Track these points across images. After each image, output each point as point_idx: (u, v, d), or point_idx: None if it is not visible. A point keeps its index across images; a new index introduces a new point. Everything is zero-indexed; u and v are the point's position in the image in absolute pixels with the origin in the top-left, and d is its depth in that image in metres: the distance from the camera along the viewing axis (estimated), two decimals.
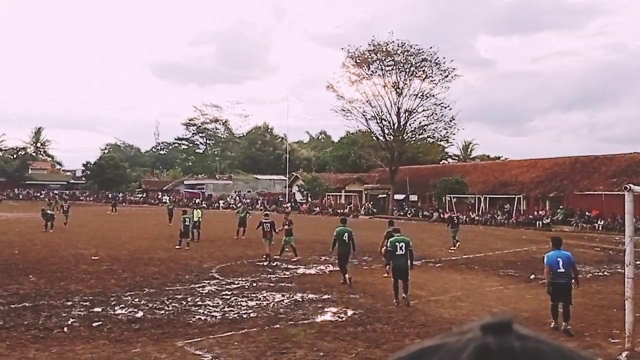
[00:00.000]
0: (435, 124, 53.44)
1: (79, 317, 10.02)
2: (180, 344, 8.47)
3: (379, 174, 60.87)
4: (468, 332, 0.51)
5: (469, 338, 0.50)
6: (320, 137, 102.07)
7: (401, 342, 8.85)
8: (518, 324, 0.51)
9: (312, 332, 9.28)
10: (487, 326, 0.50)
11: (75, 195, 76.11)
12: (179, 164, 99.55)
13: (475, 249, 23.77)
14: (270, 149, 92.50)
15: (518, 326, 0.51)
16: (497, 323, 0.50)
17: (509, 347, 0.48)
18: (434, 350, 0.51)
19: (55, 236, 25.02)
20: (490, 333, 0.50)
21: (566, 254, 10.04)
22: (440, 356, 0.50)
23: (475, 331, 0.51)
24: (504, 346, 0.48)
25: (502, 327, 0.50)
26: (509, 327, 0.50)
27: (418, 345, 0.53)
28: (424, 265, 18.28)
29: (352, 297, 12.35)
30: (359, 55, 52.70)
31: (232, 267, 16.72)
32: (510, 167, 52.63)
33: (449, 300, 12.44)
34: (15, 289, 12.51)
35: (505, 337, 0.49)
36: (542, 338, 0.50)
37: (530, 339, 0.49)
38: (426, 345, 0.52)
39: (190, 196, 70.43)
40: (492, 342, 0.48)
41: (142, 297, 11.87)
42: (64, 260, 17.33)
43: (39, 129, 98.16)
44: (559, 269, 9.78)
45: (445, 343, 0.51)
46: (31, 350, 8.02)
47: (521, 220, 40.91)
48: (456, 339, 0.51)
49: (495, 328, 0.50)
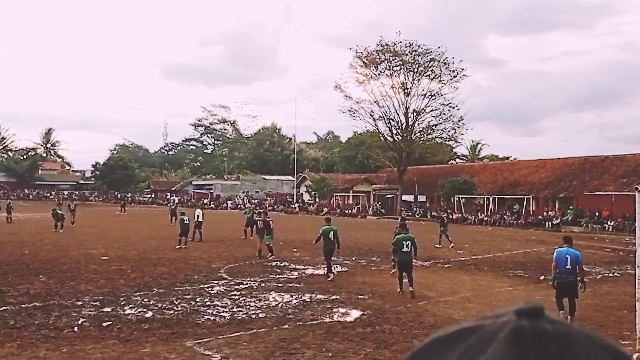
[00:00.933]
0: (443, 124, 53.33)
1: (89, 317, 10.07)
2: (189, 344, 8.50)
3: (387, 175, 60.75)
4: (503, 316, 0.56)
5: (505, 321, 0.55)
6: (328, 138, 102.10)
7: (410, 343, 8.82)
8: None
9: (320, 333, 9.27)
10: (521, 311, 0.55)
11: (84, 195, 76.65)
12: (188, 164, 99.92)
13: (485, 250, 23.68)
14: (278, 149, 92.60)
15: (549, 312, 0.56)
16: (531, 308, 0.55)
17: (542, 330, 0.53)
18: (472, 330, 0.56)
19: (65, 236, 25.19)
20: (524, 317, 0.55)
21: (575, 253, 10.31)
22: (478, 336, 0.54)
23: (510, 315, 0.55)
24: (537, 328, 0.53)
25: (535, 312, 0.55)
26: (542, 312, 0.55)
27: (457, 326, 0.57)
28: (432, 266, 18.23)
29: (360, 298, 12.34)
30: (367, 56, 52.65)
31: (240, 267, 16.75)
32: (519, 168, 52.34)
33: (458, 301, 12.40)
34: (26, 289, 12.60)
35: (538, 321, 0.54)
36: (571, 323, 0.56)
37: (561, 323, 0.55)
38: (465, 326, 0.57)
39: (199, 197, 70.67)
40: (526, 325, 0.53)
41: (151, 298, 11.92)
42: (74, 260, 17.44)
43: (49, 130, 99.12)
44: (567, 266, 10.09)
45: (483, 325, 0.56)
46: (42, 350, 8.07)
47: (531, 221, 40.67)
48: (492, 321, 0.56)
49: (529, 313, 0.55)
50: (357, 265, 18.06)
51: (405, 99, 52.69)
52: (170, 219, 33.57)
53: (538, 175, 47.88)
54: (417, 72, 51.71)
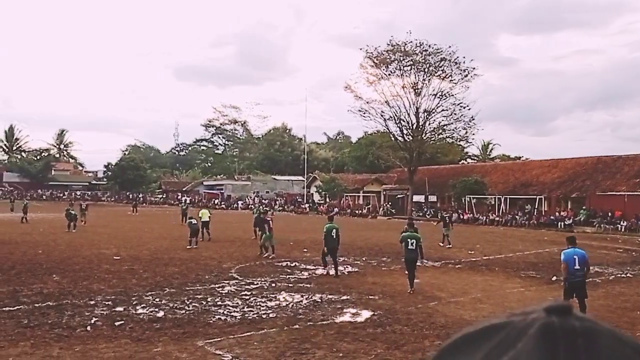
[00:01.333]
0: (454, 124, 53.02)
1: (102, 316, 10.16)
2: (200, 344, 8.54)
3: (397, 175, 60.61)
4: (532, 313, 0.57)
5: (534, 317, 0.56)
6: (338, 138, 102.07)
7: (421, 344, 8.81)
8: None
9: (331, 333, 9.28)
10: (550, 308, 0.57)
11: (97, 195, 77.24)
12: (198, 164, 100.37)
13: (496, 250, 23.56)
14: (288, 149, 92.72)
15: (576, 310, 0.57)
16: (560, 306, 0.57)
17: (570, 326, 0.54)
18: (501, 326, 0.57)
19: (78, 236, 25.40)
20: (553, 314, 0.56)
21: (581, 252, 10.55)
22: (507, 332, 0.56)
23: (540, 312, 0.57)
24: (566, 325, 0.55)
25: (564, 310, 0.56)
26: (570, 310, 0.57)
27: (485, 322, 0.59)
28: (443, 267, 18.17)
29: (371, 298, 12.33)
30: (377, 56, 52.51)
31: (251, 267, 16.80)
32: (531, 167, 51.98)
33: (470, 301, 12.35)
34: (39, 288, 12.72)
35: (567, 318, 0.55)
36: (598, 320, 0.57)
37: (588, 320, 0.56)
38: (494, 322, 0.58)
39: (210, 197, 70.95)
40: (555, 321, 0.55)
41: (162, 297, 11.99)
42: (87, 260, 17.58)
43: (62, 131, 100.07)
44: (575, 266, 10.26)
45: (512, 321, 0.57)
46: (55, 349, 8.15)
47: (542, 221, 40.38)
48: (521, 318, 0.57)
49: (557, 310, 0.56)
50: (368, 265, 18.04)
51: (416, 99, 52.52)
52: (182, 219, 33.77)
53: (550, 175, 47.52)
54: (428, 72, 51.50)
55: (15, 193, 68.05)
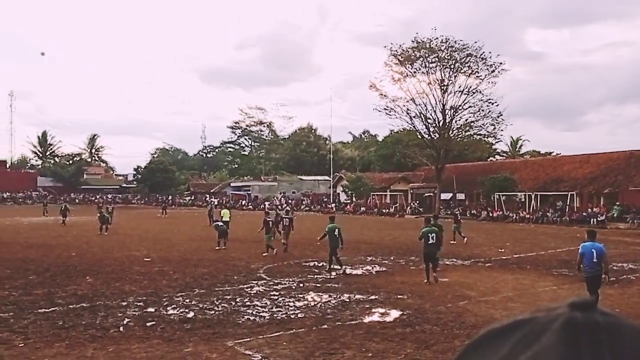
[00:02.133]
0: (482, 120, 52.31)
1: (134, 317, 10.32)
2: (230, 344, 8.61)
3: (424, 173, 60.09)
4: (557, 309, 0.58)
5: (558, 313, 0.57)
6: (364, 137, 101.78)
7: (451, 344, 8.71)
8: None
9: (360, 333, 9.25)
10: (574, 303, 0.57)
11: (127, 198, 78.57)
12: (226, 166, 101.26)
13: (527, 248, 23.16)
14: (314, 149, 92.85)
15: (601, 306, 0.58)
16: (584, 301, 0.57)
17: (594, 321, 0.55)
18: (526, 322, 0.58)
19: (109, 239, 25.88)
20: (577, 309, 0.56)
21: (599, 246, 10.84)
22: (532, 327, 0.57)
23: (564, 308, 0.57)
24: (589, 319, 0.55)
25: (588, 305, 0.57)
26: (594, 305, 0.57)
27: (510, 318, 0.60)
28: (473, 265, 17.95)
29: (399, 298, 12.25)
30: (401, 53, 52.18)
31: (278, 267, 16.87)
32: (562, 163, 50.96)
33: (500, 300, 12.16)
34: (73, 289, 13.00)
35: (590, 313, 0.56)
36: (621, 316, 0.57)
37: (611, 315, 0.56)
38: (519, 318, 0.59)
39: (237, 198, 71.52)
40: (579, 316, 0.55)
41: (192, 298, 12.12)
42: (119, 261, 17.90)
43: (93, 136, 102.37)
44: (593, 259, 10.61)
45: (536, 316, 0.58)
46: (89, 349, 8.31)
47: (574, 218, 39.53)
48: (546, 313, 0.58)
49: (581, 305, 0.57)
50: (396, 264, 17.94)
51: (442, 96, 52.01)
52: (209, 221, 34.13)
53: (581, 171, 46.50)
54: (454, 68, 50.96)
55: (49, 197, 69.74)
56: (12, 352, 8.11)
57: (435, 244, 14.12)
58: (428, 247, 14.03)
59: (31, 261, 17.73)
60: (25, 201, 73.08)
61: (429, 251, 14.03)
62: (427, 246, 14.06)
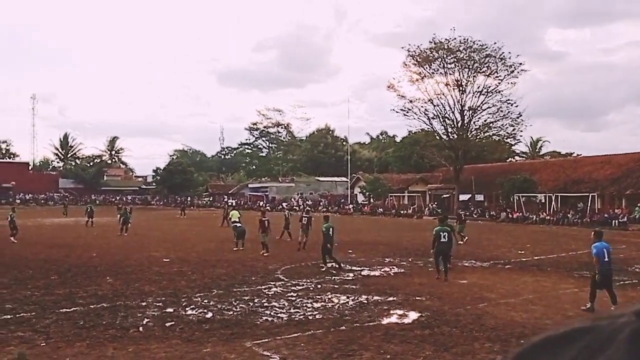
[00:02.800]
0: (501, 121, 51.88)
1: (153, 317, 10.41)
2: (248, 345, 8.62)
3: (442, 174, 59.69)
4: (621, 317, 0.52)
5: (623, 322, 0.52)
6: (381, 138, 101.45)
7: (471, 346, 8.62)
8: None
9: (378, 335, 9.20)
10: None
11: (146, 199, 79.39)
12: (243, 167, 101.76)
13: (548, 249, 22.87)
14: (332, 151, 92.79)
15: None
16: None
17: None
18: (586, 330, 0.53)
19: (129, 239, 26.16)
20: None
21: (607, 245, 11.47)
22: (594, 336, 0.51)
23: (629, 316, 0.52)
24: None
25: None
26: None
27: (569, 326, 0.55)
28: (492, 267, 17.77)
29: (417, 300, 12.17)
30: (419, 54, 51.96)
31: (296, 269, 16.88)
32: (583, 164, 50.23)
33: (521, 303, 12.01)
34: (94, 290, 13.16)
35: None
36: None
37: None
38: (577, 325, 0.54)
39: (255, 199, 71.80)
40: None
41: (211, 298, 12.19)
42: (138, 262, 18.07)
43: (113, 138, 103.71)
44: (605, 259, 11.12)
45: (598, 325, 0.53)
46: (109, 349, 8.39)
47: (596, 220, 38.87)
48: (609, 322, 0.52)
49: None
50: (414, 266, 17.84)
51: (460, 96, 51.68)
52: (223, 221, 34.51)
53: (603, 172, 45.77)
54: (472, 69, 50.60)
55: (70, 198, 70.75)
56: (35, 351, 8.23)
57: (447, 242, 14.87)
58: (440, 245, 14.77)
59: (53, 261, 18.00)
60: (47, 202, 74.21)
61: (442, 248, 14.78)
62: (440, 244, 14.77)
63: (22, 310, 10.93)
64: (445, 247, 14.87)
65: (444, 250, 14.83)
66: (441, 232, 14.87)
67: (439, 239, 14.80)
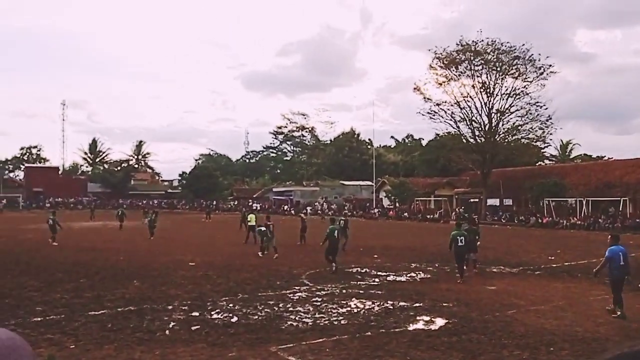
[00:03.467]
0: (530, 123, 51.07)
1: (179, 321, 10.46)
2: (273, 349, 8.59)
3: (469, 178, 59.01)
4: None
5: None
6: (407, 141, 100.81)
7: (499, 354, 8.43)
8: None
9: (404, 341, 9.07)
10: None
11: (172, 204, 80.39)
12: (268, 171, 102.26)
13: (578, 255, 22.34)
14: (356, 154, 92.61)
15: None
16: None
17: None
18: None
19: (155, 243, 26.46)
20: None
21: (624, 249, 11.45)
22: None
23: None
24: None
25: None
26: None
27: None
28: (521, 273, 17.44)
29: (445, 306, 11.99)
30: (446, 56, 51.53)
31: (321, 273, 16.81)
32: (614, 168, 49.07)
33: (551, 310, 11.73)
34: (121, 293, 13.30)
35: None
36: None
37: None
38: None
39: (279, 203, 72.04)
40: None
41: (236, 303, 12.21)
42: (164, 266, 18.23)
43: (140, 143, 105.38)
44: (620, 263, 11.08)
45: None
46: (137, 352, 8.45)
47: (627, 225, 37.93)
48: None
49: None
50: (440, 271, 17.61)
51: (488, 99, 51.06)
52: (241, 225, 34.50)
53: (635, 175, 44.63)
54: (500, 71, 49.96)
55: (96, 202, 72.02)
56: (64, 353, 8.33)
57: (464, 246, 15.42)
58: (457, 248, 15.40)
59: (81, 265, 18.28)
60: (76, 206, 75.70)
61: (459, 251, 15.43)
62: (456, 247, 15.42)
63: (52, 312, 11.10)
64: (462, 249, 15.45)
65: (461, 252, 15.45)
66: (458, 237, 15.42)
67: (456, 243, 15.37)
